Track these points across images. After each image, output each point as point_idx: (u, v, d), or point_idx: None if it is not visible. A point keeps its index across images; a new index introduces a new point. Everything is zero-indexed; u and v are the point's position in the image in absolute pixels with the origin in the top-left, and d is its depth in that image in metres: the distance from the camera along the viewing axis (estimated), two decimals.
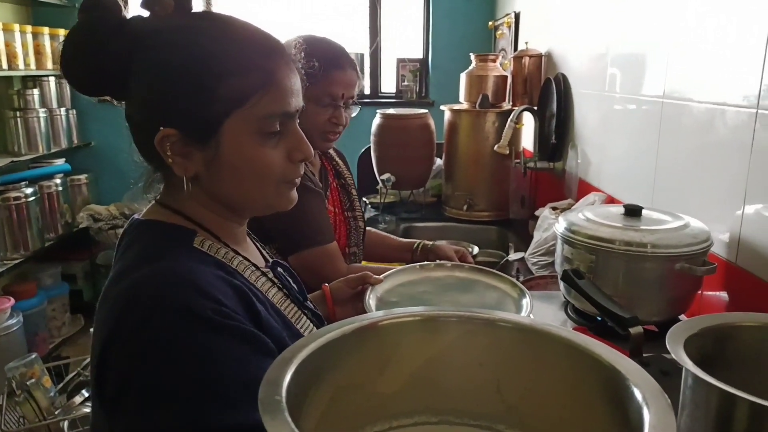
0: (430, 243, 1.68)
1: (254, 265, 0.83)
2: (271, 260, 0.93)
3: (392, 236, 1.83)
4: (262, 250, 0.96)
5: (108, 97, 0.80)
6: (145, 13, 0.78)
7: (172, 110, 0.74)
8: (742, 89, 1.10)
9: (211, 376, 0.65)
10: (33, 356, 1.83)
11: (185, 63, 0.73)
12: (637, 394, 0.48)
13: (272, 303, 0.81)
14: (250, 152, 0.76)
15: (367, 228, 1.84)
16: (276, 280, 0.87)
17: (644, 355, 0.86)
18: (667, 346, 0.61)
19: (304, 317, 0.89)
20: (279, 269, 0.91)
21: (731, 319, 0.70)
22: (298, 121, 0.82)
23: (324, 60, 1.38)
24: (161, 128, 0.74)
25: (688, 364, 0.58)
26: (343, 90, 1.44)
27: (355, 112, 1.52)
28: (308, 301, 0.95)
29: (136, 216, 0.83)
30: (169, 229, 0.79)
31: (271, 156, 0.77)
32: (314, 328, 0.89)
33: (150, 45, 0.75)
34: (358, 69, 1.50)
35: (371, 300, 1.13)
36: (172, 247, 0.75)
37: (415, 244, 1.69)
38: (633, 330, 0.87)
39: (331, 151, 1.69)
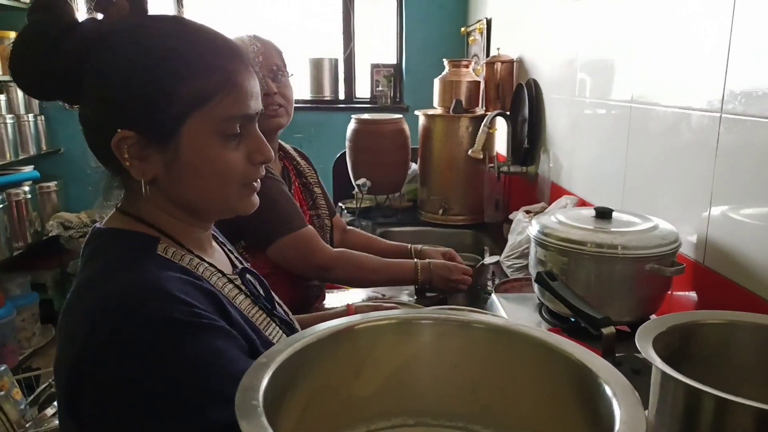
0: (419, 246, 1.68)
1: (220, 271, 0.82)
2: (239, 266, 0.92)
3: (380, 239, 1.80)
4: (230, 255, 0.95)
5: (61, 102, 0.78)
6: (99, 16, 0.76)
7: (130, 111, 0.72)
8: (706, 94, 1.13)
9: (201, 375, 0.65)
10: (2, 368, 1.79)
11: (144, 62, 0.72)
12: (608, 390, 0.49)
13: (240, 310, 0.80)
14: (211, 154, 0.75)
15: (350, 228, 1.83)
16: (243, 287, 0.86)
17: (617, 354, 0.88)
18: (636, 344, 0.63)
19: (273, 324, 0.88)
20: (248, 276, 0.90)
21: (697, 317, 0.72)
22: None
23: None
24: (118, 130, 0.72)
25: (656, 360, 0.60)
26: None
27: (289, 77, 1.52)
28: (276, 308, 0.93)
29: (97, 225, 0.81)
30: (132, 237, 0.77)
31: (232, 158, 0.76)
32: (283, 335, 0.88)
33: (106, 45, 0.73)
34: (263, 39, 1.49)
35: None
36: (137, 257, 0.74)
37: (409, 250, 1.67)
38: (605, 330, 0.88)
39: (293, 152, 1.69)
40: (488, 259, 1.96)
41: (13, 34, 3.53)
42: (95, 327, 0.66)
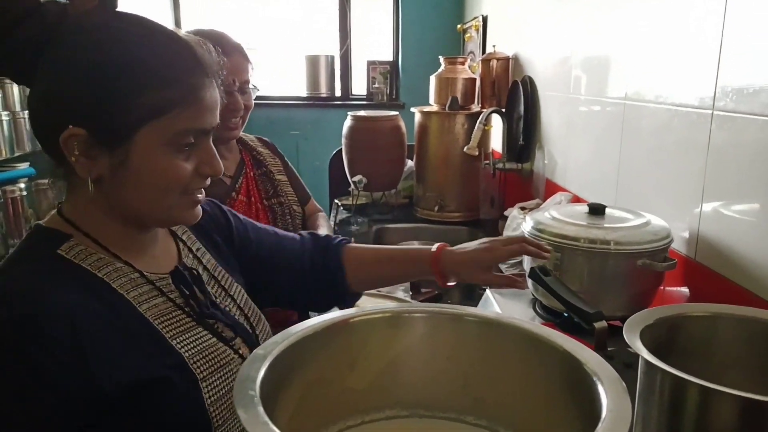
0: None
1: (139, 271, 0.80)
2: (174, 267, 0.87)
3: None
4: (181, 249, 0.91)
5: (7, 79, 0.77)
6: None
7: (86, 110, 0.72)
8: (698, 91, 1.15)
9: None
10: None
11: (109, 65, 0.72)
12: (596, 380, 0.50)
13: (143, 316, 0.77)
14: (159, 163, 0.75)
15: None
16: (168, 288, 0.83)
17: (609, 349, 0.89)
18: (624, 336, 0.64)
19: (199, 328, 0.83)
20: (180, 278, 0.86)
21: (683, 310, 0.74)
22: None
23: None
24: (70, 126, 0.71)
25: (643, 351, 0.61)
26: (233, 76, 1.44)
27: (254, 94, 1.54)
28: (214, 310, 0.87)
29: (41, 222, 0.81)
30: (43, 233, 0.78)
31: (180, 168, 0.76)
32: (212, 337, 0.83)
33: (70, 38, 0.73)
34: (245, 52, 1.51)
35: None
36: (28, 255, 0.75)
37: None
38: (597, 324, 0.89)
39: (254, 142, 1.69)
40: None
41: None
42: None
